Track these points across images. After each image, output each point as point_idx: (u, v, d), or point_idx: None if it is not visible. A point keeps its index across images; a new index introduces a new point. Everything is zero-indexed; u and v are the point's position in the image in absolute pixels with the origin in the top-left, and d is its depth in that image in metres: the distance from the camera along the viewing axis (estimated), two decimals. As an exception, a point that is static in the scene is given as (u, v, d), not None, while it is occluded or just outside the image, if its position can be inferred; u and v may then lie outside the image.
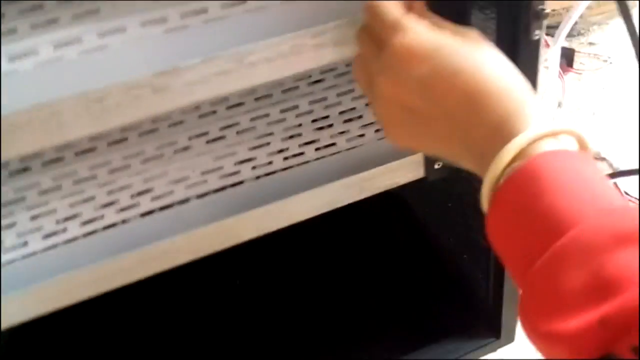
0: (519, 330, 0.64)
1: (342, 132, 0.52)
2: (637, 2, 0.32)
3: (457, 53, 0.35)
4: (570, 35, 1.18)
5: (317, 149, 0.52)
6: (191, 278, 0.61)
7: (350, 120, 0.52)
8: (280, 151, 0.52)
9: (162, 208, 0.48)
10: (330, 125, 0.51)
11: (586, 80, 1.17)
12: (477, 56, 0.35)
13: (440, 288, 0.67)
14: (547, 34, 1.03)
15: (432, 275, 0.69)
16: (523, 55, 0.45)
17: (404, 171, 0.48)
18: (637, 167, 0.97)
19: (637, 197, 0.94)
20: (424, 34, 0.36)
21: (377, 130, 0.52)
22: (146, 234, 0.47)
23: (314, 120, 0.53)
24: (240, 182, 0.51)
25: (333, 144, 0.52)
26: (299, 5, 0.39)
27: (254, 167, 0.51)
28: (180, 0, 0.38)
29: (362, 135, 0.52)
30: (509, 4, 0.43)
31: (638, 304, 0.24)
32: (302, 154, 0.52)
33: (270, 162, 0.51)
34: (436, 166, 0.48)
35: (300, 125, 0.53)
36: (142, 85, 0.35)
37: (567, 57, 1.13)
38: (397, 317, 0.65)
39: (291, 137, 0.51)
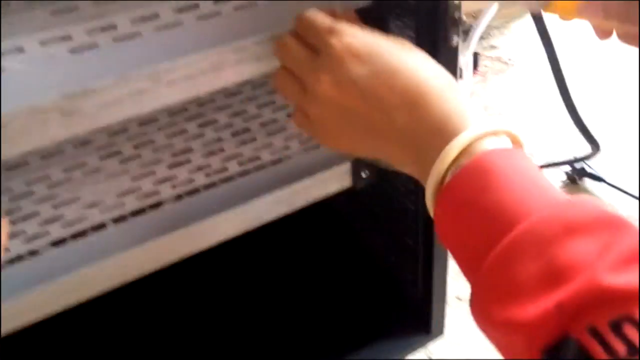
0: (448, 324, 0.66)
1: (265, 146, 0.51)
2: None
3: (395, 55, 0.36)
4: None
5: (240, 164, 0.50)
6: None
7: (273, 133, 0.51)
8: (202, 168, 0.49)
9: (76, 235, 0.45)
10: (254, 139, 0.50)
11: (490, 82, 1.23)
12: (413, 58, 0.36)
13: (369, 290, 0.68)
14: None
15: (361, 278, 0.69)
16: (443, 61, 0.46)
17: (332, 182, 0.48)
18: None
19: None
20: (361, 36, 0.37)
21: (301, 142, 0.51)
22: (58, 264, 0.44)
23: (234, 134, 0.51)
24: (161, 203, 0.48)
25: (257, 158, 0.50)
26: (216, 21, 0.37)
27: (174, 186, 0.49)
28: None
29: (286, 148, 0.51)
30: (428, 12, 0.44)
31: (592, 287, 0.25)
32: (225, 169, 0.50)
33: (191, 180, 0.49)
34: (363, 175, 0.48)
35: (220, 139, 0.51)
36: (50, 109, 0.32)
37: (473, 61, 1.18)
38: (327, 322, 0.65)
39: (212, 152, 0.50)
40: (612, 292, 0.24)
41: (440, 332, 0.66)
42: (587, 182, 1.00)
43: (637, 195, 0.84)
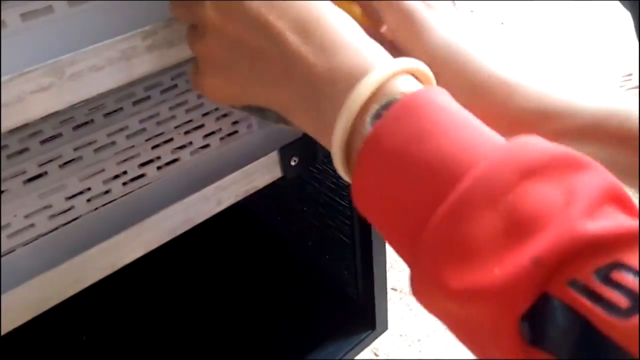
0: (392, 317, 0.65)
1: (183, 146, 0.48)
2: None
3: None
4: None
5: (159, 168, 0.47)
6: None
7: (189, 131, 0.48)
8: (117, 177, 0.46)
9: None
10: (170, 140, 0.47)
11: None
12: None
13: (307, 294, 0.66)
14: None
15: (297, 282, 0.67)
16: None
17: (261, 173, 0.46)
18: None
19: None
20: None
21: (222, 138, 0.49)
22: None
23: (147, 140, 0.48)
24: (76, 218, 0.44)
25: (176, 160, 0.48)
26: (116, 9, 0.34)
27: (89, 200, 0.45)
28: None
29: (206, 146, 0.48)
30: None
31: (572, 236, 0.21)
32: (143, 175, 0.47)
33: (107, 191, 0.46)
34: (292, 163, 0.47)
35: (133, 147, 0.48)
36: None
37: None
38: (271, 330, 0.62)
39: (126, 159, 0.46)
40: (595, 240, 0.21)
41: (384, 327, 0.66)
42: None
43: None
